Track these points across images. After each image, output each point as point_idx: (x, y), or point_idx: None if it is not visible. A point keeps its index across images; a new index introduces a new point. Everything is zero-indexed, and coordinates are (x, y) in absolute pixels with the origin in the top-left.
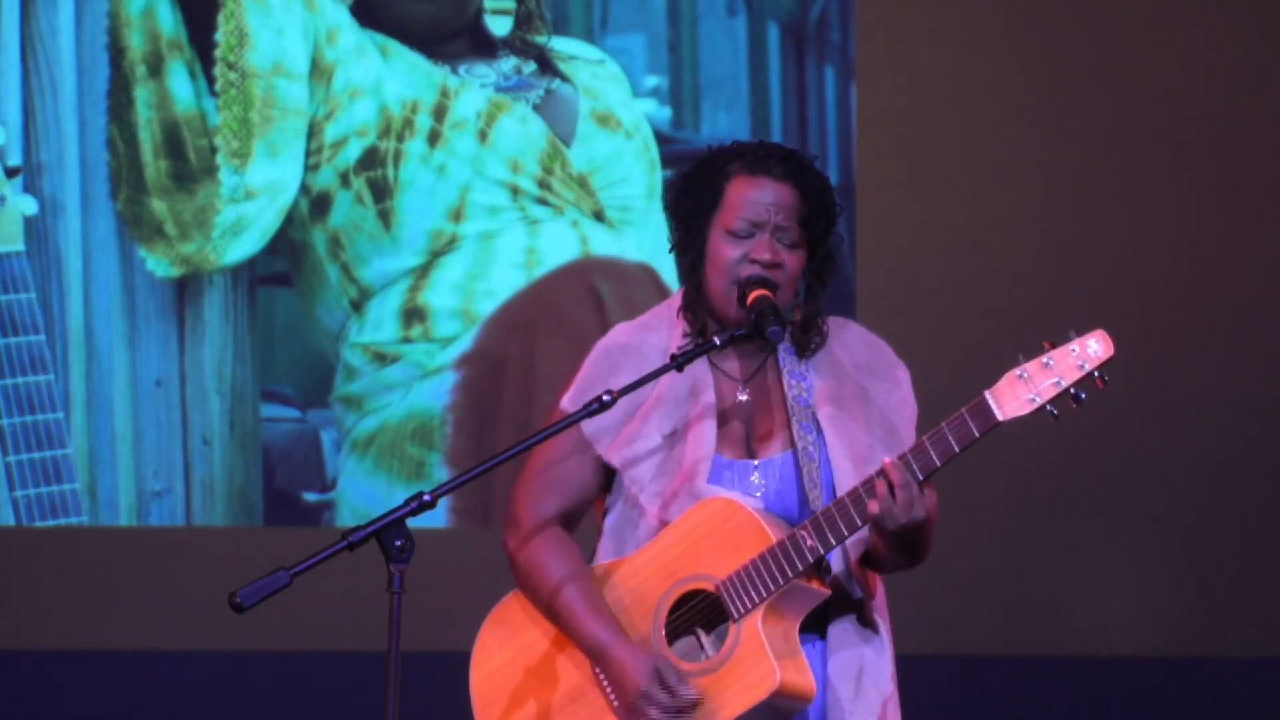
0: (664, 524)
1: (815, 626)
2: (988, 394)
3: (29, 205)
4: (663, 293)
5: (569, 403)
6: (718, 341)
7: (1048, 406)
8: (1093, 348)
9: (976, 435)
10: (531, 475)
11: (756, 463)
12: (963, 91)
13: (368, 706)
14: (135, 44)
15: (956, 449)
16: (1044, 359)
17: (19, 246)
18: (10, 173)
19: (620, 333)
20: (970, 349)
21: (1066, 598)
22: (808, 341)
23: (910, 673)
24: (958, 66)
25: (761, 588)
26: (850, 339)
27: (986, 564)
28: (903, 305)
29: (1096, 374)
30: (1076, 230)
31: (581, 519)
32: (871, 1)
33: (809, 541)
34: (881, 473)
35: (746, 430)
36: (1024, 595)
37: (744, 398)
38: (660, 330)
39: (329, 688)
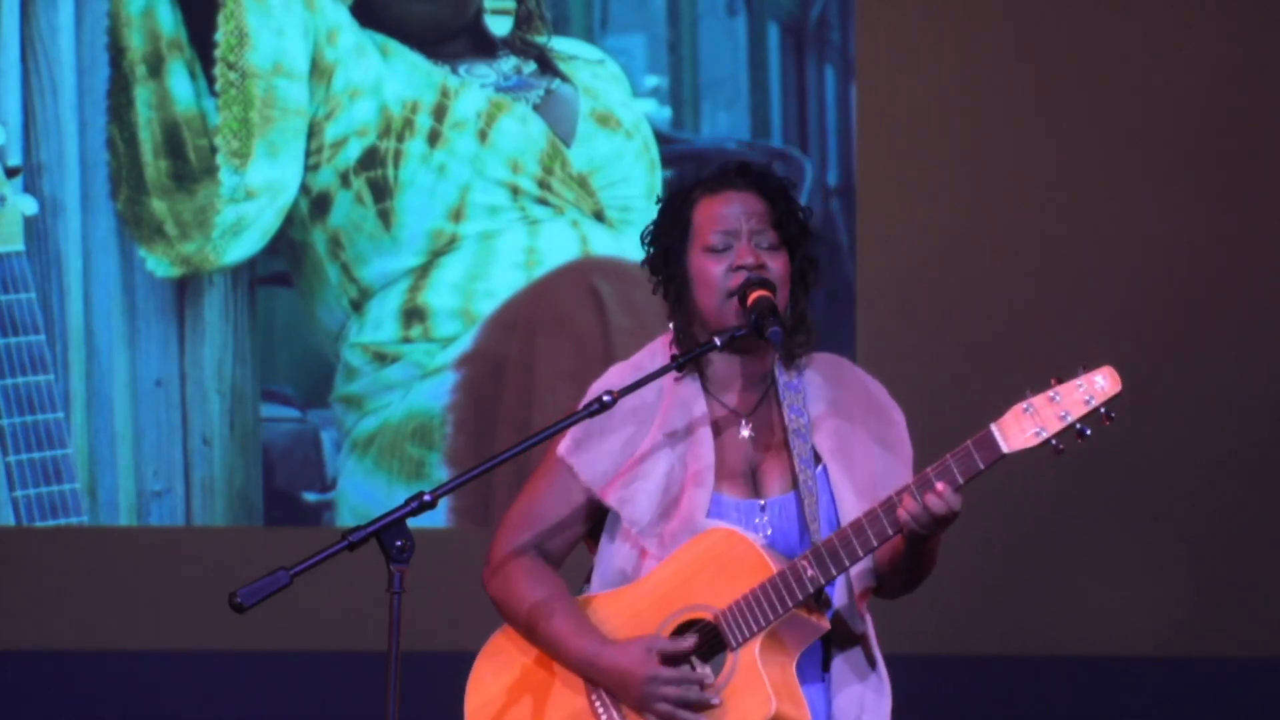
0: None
1: (817, 663)
2: (994, 426)
3: (29, 205)
4: None
5: (565, 450)
6: (718, 342)
7: (1053, 440)
8: (1100, 383)
9: (981, 467)
10: (512, 515)
11: (763, 503)
12: (963, 91)
13: (368, 706)
14: (135, 44)
15: (960, 481)
16: (1050, 393)
17: (19, 246)
18: (10, 173)
19: (614, 374)
20: (971, 349)
21: (1066, 598)
22: (795, 346)
23: (910, 673)
24: (958, 66)
25: (761, 617)
26: (847, 378)
27: (986, 564)
28: (903, 305)
29: (1103, 410)
30: (1077, 230)
31: (564, 559)
32: (871, 1)
33: (809, 571)
34: (901, 495)
35: (752, 467)
36: (1024, 595)
37: (746, 433)
38: (653, 367)
39: (329, 688)
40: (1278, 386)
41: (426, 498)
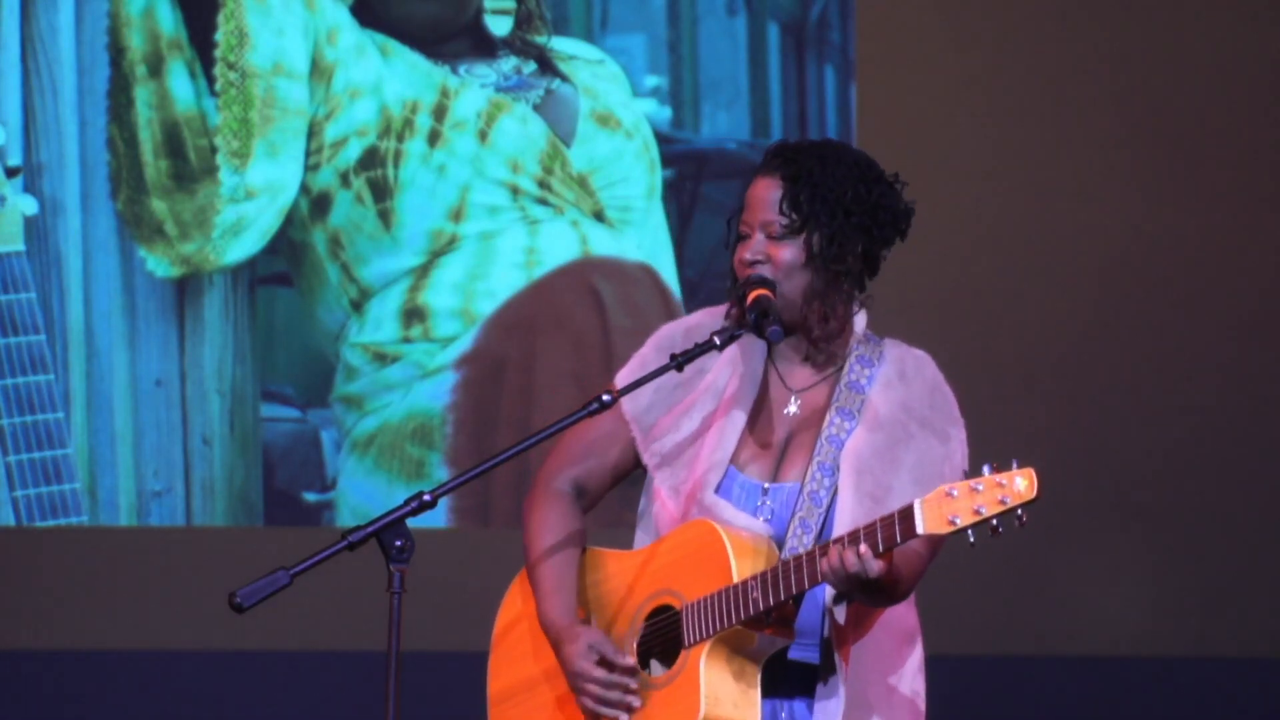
0: (681, 520)
1: (805, 683)
2: (917, 503)
3: (29, 205)
4: (663, 292)
5: (622, 378)
6: (718, 341)
7: (968, 530)
8: (1019, 485)
9: (899, 540)
10: (564, 442)
11: (767, 486)
12: (963, 91)
13: (368, 706)
14: (135, 44)
15: (881, 549)
16: (974, 483)
17: (19, 246)
18: (10, 173)
19: (694, 315)
20: (971, 349)
21: (1066, 598)
22: (824, 333)
23: None
24: (958, 66)
25: (710, 624)
26: (919, 383)
27: (986, 564)
28: (903, 305)
29: (1018, 510)
30: (1077, 230)
31: (603, 495)
32: (871, 1)
33: (754, 593)
34: (835, 543)
35: (784, 445)
36: (1024, 595)
37: (792, 410)
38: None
39: (329, 688)
40: (1277, 386)
41: (426, 498)
